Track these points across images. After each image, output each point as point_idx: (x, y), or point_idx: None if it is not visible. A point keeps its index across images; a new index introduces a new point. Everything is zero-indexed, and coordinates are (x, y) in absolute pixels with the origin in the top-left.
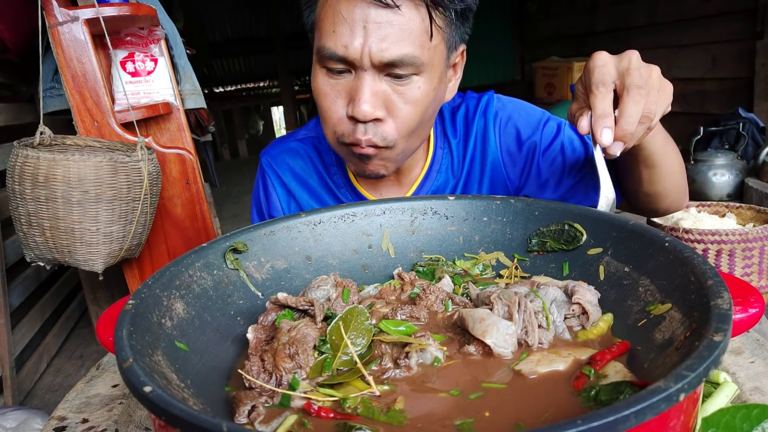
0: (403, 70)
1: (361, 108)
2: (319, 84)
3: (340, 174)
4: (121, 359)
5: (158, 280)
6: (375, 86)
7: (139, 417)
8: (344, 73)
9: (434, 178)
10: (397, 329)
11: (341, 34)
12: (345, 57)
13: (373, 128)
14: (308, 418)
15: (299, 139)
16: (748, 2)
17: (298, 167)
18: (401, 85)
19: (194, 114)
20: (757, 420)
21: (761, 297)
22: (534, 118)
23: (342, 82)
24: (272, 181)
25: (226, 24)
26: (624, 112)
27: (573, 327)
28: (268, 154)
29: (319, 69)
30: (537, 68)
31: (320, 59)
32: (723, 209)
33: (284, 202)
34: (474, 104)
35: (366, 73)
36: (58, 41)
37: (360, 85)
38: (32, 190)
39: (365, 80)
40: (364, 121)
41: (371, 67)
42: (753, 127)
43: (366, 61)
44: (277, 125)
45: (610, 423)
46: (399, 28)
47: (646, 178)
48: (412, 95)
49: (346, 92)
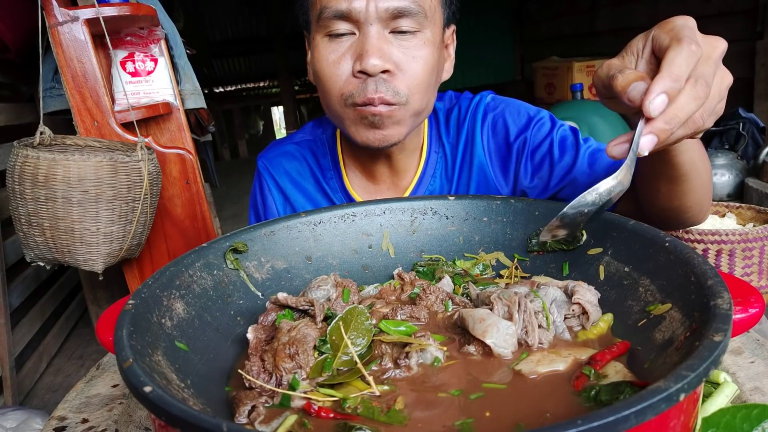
0: (408, 22)
1: (370, 61)
2: (321, 53)
3: (336, 178)
4: (121, 359)
5: (158, 280)
6: (381, 41)
7: (139, 417)
8: (347, 35)
9: (428, 183)
10: (397, 329)
11: None
12: (349, 11)
13: (384, 83)
14: (308, 418)
15: (296, 142)
16: (748, 2)
17: (294, 170)
18: (406, 40)
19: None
20: (757, 420)
21: (761, 297)
22: (525, 117)
23: (345, 45)
24: (268, 184)
25: (226, 24)
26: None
27: (573, 327)
28: (265, 157)
29: (319, 39)
30: (537, 68)
31: (321, 25)
32: (723, 209)
33: (280, 205)
34: (466, 105)
35: (372, 27)
36: (58, 41)
37: (366, 40)
38: (32, 190)
39: (371, 34)
40: (374, 75)
41: (377, 20)
42: (753, 127)
43: (372, 14)
44: (277, 125)
45: (610, 423)
46: None
47: (665, 192)
48: (418, 51)
49: (351, 52)
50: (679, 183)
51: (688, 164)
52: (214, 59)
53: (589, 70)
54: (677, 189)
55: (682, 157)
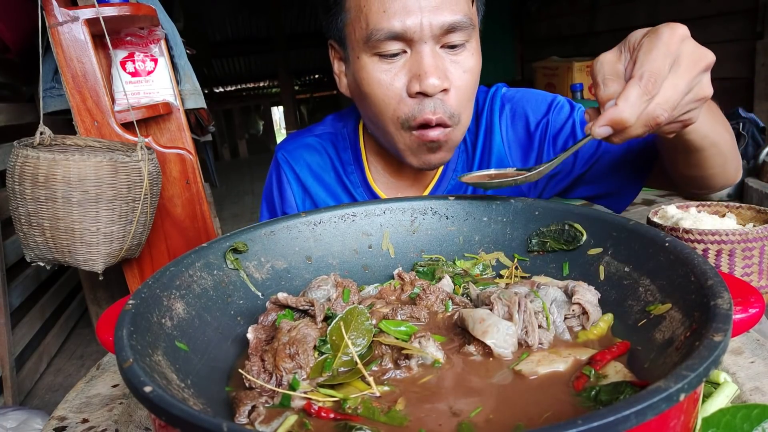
0: (458, 36)
1: (430, 81)
2: (371, 73)
3: (358, 173)
4: (121, 359)
5: (158, 280)
6: (437, 59)
7: (139, 417)
8: (398, 55)
9: (450, 178)
10: (398, 329)
11: (395, 10)
12: (404, 32)
13: (441, 104)
14: (309, 419)
15: (317, 134)
16: (748, 2)
17: (315, 163)
18: (457, 54)
19: (194, 114)
20: (757, 420)
21: (761, 297)
22: (544, 103)
23: (398, 64)
24: (287, 177)
25: (226, 24)
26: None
27: (573, 327)
28: (285, 149)
29: (367, 59)
30: (537, 68)
31: (371, 45)
32: (723, 209)
33: (299, 199)
34: (482, 98)
35: (426, 46)
36: (58, 41)
37: (422, 59)
38: (32, 190)
39: (426, 52)
40: (433, 95)
41: (431, 38)
42: (753, 127)
43: (426, 32)
44: (277, 125)
45: (610, 423)
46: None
47: (688, 161)
48: (467, 63)
49: (404, 72)
50: (695, 154)
51: (699, 140)
52: (214, 59)
53: (588, 70)
54: (694, 159)
55: (689, 136)
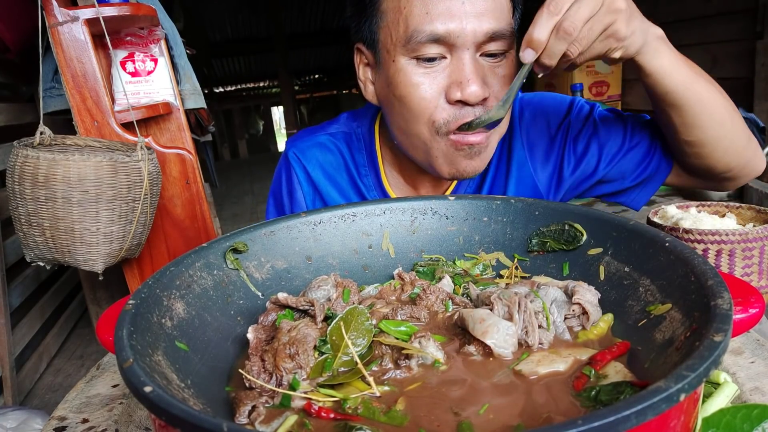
0: (499, 45)
1: (472, 89)
2: (409, 77)
3: (373, 175)
4: (121, 359)
5: (158, 280)
6: (478, 66)
7: (139, 417)
8: (437, 60)
9: (466, 184)
10: (398, 329)
11: (438, 13)
12: (446, 35)
13: (481, 110)
14: (309, 419)
15: (330, 133)
16: (748, 2)
17: (328, 163)
18: (497, 63)
19: (194, 114)
20: (758, 420)
21: (761, 297)
22: (563, 105)
23: (437, 69)
24: (298, 177)
25: (226, 24)
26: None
27: (573, 327)
28: (296, 147)
29: (405, 62)
30: None
31: (411, 48)
32: (723, 209)
33: (309, 200)
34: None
35: (467, 52)
36: (58, 41)
37: (464, 66)
38: (32, 190)
39: (467, 59)
40: (474, 104)
41: (473, 44)
42: (753, 127)
43: (469, 38)
44: (277, 125)
45: (610, 423)
46: (492, 2)
47: (677, 121)
48: (507, 72)
49: (443, 78)
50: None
51: (681, 89)
52: (214, 59)
53: (588, 70)
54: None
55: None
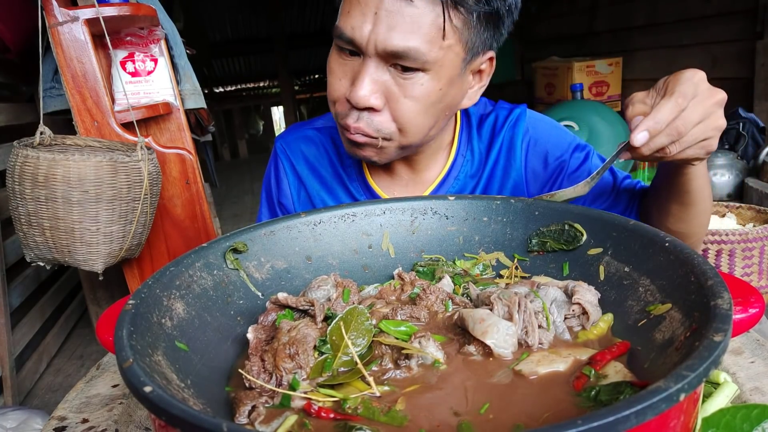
0: (408, 63)
1: (357, 93)
2: (331, 61)
3: (355, 167)
4: (121, 359)
5: (158, 280)
6: (377, 75)
7: (139, 417)
8: (354, 56)
9: (450, 184)
10: (398, 329)
11: (354, 16)
12: (352, 39)
13: (367, 117)
14: (309, 419)
15: (317, 128)
16: (748, 2)
17: (312, 156)
18: (405, 78)
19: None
20: (757, 420)
21: (761, 297)
22: (565, 141)
23: (350, 64)
24: (284, 167)
25: (226, 24)
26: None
27: (573, 327)
28: (283, 140)
29: (334, 49)
30: (537, 68)
31: (335, 38)
32: (723, 209)
33: (294, 189)
34: (504, 115)
35: (371, 60)
36: (58, 41)
37: (362, 71)
38: (32, 190)
39: (368, 67)
40: (357, 107)
41: (375, 54)
42: (753, 127)
43: (371, 48)
44: (277, 125)
45: (610, 423)
46: (410, 20)
47: (676, 214)
48: (413, 91)
49: (351, 74)
50: (688, 207)
51: (698, 191)
52: (214, 59)
53: (588, 70)
54: (686, 213)
55: (693, 184)
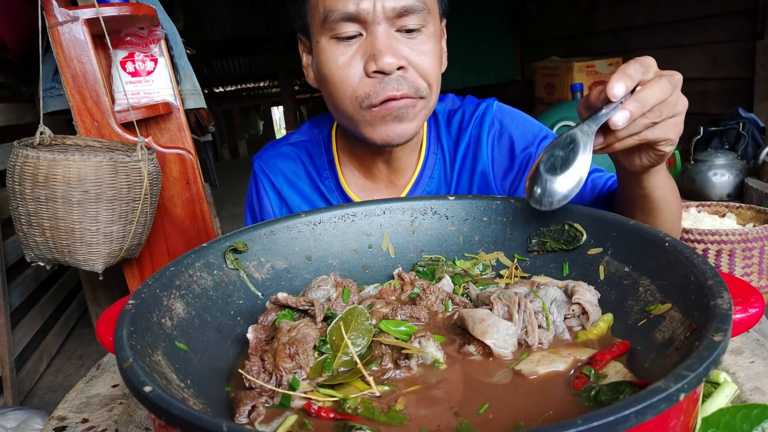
0: (413, 19)
1: (385, 59)
2: (329, 56)
3: (332, 178)
4: (121, 359)
5: (158, 280)
6: (391, 39)
7: (139, 417)
8: (355, 37)
9: (426, 183)
10: (398, 329)
11: None
12: (357, 13)
13: (403, 80)
14: (308, 419)
15: (292, 143)
16: (748, 2)
17: (290, 171)
18: (412, 38)
19: (194, 114)
20: (757, 420)
21: (761, 297)
22: (531, 133)
23: (354, 47)
24: (264, 186)
25: (226, 24)
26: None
27: (573, 327)
28: (260, 159)
29: (325, 42)
30: (537, 68)
31: (328, 28)
32: (723, 209)
33: (276, 206)
34: (471, 110)
35: (380, 27)
36: (58, 41)
37: (376, 39)
38: (32, 190)
39: (380, 33)
40: (390, 73)
41: (384, 19)
42: (753, 127)
43: (379, 13)
44: (277, 125)
45: (610, 423)
46: None
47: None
48: (425, 46)
49: (361, 54)
50: (652, 216)
51: (661, 199)
52: (214, 59)
53: (589, 70)
54: (652, 220)
55: (656, 192)
